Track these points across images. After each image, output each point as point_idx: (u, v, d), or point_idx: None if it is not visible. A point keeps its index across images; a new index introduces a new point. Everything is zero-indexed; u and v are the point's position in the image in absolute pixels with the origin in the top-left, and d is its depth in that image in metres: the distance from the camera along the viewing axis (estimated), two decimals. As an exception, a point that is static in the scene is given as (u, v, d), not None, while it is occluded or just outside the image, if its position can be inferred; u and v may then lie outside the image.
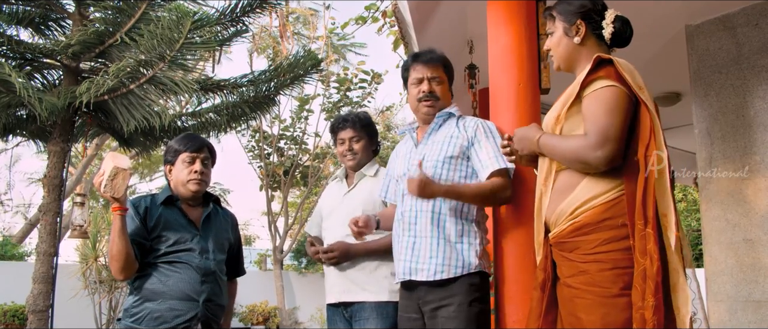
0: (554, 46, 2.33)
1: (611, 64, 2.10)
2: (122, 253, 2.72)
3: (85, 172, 14.14)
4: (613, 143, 2.03)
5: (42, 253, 4.48)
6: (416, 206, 2.69)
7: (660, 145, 2.02)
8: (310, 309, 15.18)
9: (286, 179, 13.99)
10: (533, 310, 2.26)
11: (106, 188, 2.63)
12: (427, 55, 2.88)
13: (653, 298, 1.88)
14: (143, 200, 2.95)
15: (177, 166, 3.00)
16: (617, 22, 2.24)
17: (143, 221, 2.87)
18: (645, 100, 2.06)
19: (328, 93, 13.63)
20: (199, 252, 2.90)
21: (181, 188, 2.99)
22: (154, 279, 2.83)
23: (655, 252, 1.92)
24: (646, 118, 2.06)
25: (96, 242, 10.14)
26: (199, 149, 3.00)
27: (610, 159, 2.04)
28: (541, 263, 2.28)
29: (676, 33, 4.38)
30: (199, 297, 2.84)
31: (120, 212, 2.70)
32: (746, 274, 3.80)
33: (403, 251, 2.71)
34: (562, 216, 2.16)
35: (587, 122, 2.09)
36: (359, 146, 3.29)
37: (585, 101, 2.12)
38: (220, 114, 5.25)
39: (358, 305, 3.07)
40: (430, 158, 2.70)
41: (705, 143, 4.10)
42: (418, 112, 2.87)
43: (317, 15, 13.80)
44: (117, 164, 2.65)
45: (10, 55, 4.50)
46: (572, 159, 2.11)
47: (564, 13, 2.30)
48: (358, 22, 6.98)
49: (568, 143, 2.13)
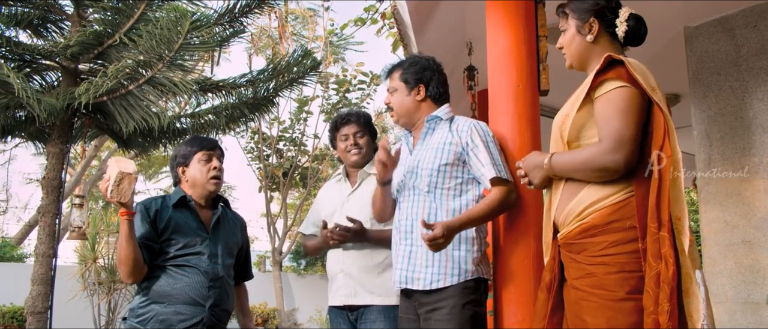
0: (567, 44, 2.30)
1: (622, 65, 2.07)
2: (130, 258, 2.72)
3: (84, 173, 14.12)
4: (628, 145, 2.00)
5: (41, 255, 4.47)
6: (412, 215, 2.67)
7: (674, 147, 1.99)
8: (309, 311, 15.17)
9: (285, 181, 13.98)
10: (539, 311, 2.24)
11: (113, 193, 2.61)
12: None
13: (668, 303, 1.85)
14: (154, 202, 2.95)
15: (193, 166, 3.00)
16: (631, 20, 2.21)
17: (153, 223, 2.87)
18: (658, 101, 2.03)
19: (327, 94, 13.63)
20: (208, 256, 2.90)
21: (199, 188, 2.99)
22: (163, 281, 2.83)
23: (670, 256, 1.89)
24: (659, 119, 2.03)
25: (95, 243, 10.12)
26: (214, 147, 3.05)
27: (627, 161, 2.01)
28: (549, 264, 2.25)
29: (674, 35, 4.39)
30: (205, 302, 2.84)
31: (127, 217, 2.69)
32: (745, 276, 3.80)
33: (400, 259, 2.69)
34: (570, 217, 2.13)
35: (601, 126, 2.06)
36: (364, 141, 3.26)
37: (597, 103, 2.09)
38: (218, 115, 5.24)
39: (364, 308, 3.05)
40: (425, 165, 2.67)
41: (704, 144, 4.10)
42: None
43: (316, 16, 13.79)
44: (122, 168, 2.63)
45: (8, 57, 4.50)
46: (590, 169, 2.06)
47: (577, 11, 2.27)
48: (358, 24, 6.99)
49: (583, 154, 2.09)
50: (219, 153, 3.06)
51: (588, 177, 2.09)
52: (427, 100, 2.82)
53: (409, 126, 2.88)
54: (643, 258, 1.96)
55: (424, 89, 2.81)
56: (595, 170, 2.05)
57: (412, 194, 2.71)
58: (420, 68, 2.83)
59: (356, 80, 13.27)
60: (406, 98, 2.82)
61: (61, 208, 4.74)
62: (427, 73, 2.83)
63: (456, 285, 2.54)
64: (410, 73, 2.83)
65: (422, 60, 2.88)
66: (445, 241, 2.41)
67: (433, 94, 2.82)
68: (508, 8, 2.88)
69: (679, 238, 1.94)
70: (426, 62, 2.86)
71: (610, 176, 2.05)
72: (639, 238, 1.97)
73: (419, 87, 2.81)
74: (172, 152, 3.16)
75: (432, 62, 2.88)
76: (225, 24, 4.94)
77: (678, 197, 1.97)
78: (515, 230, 2.67)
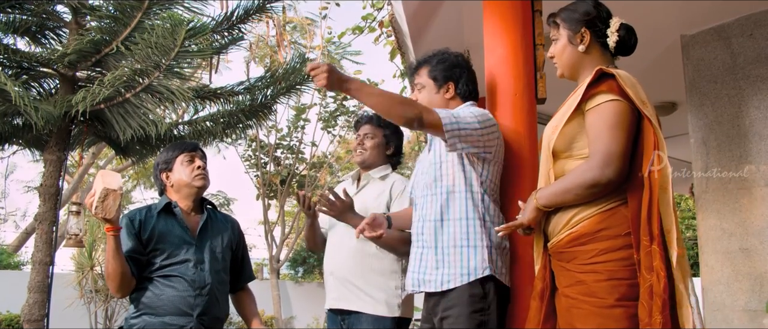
0: (558, 53, 2.30)
1: (613, 78, 2.08)
2: (117, 272, 2.73)
3: (81, 181, 14.10)
4: (618, 161, 2.01)
5: (38, 262, 4.46)
6: (423, 216, 2.62)
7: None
8: (306, 319, 15.14)
9: (283, 189, 13.97)
10: (531, 319, 2.25)
11: (98, 210, 2.60)
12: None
13: (661, 315, 1.88)
14: (138, 213, 2.94)
15: (176, 169, 3.00)
16: (622, 31, 2.22)
17: (138, 235, 2.87)
18: (648, 115, 2.04)
19: (324, 102, 13.63)
20: (194, 263, 2.89)
21: (185, 188, 2.99)
22: (150, 293, 2.83)
23: (662, 269, 1.91)
24: (649, 133, 2.04)
25: (92, 251, 10.10)
26: (194, 149, 3.06)
27: (618, 176, 2.02)
28: (540, 272, 2.27)
29: (671, 43, 4.40)
30: (193, 310, 2.83)
31: (113, 232, 2.68)
32: (742, 283, 3.80)
33: (412, 261, 2.65)
34: (559, 225, 2.15)
35: (591, 141, 2.07)
36: (371, 143, 3.21)
37: (588, 116, 2.10)
38: (216, 123, 5.25)
39: (354, 315, 3.02)
40: (433, 164, 2.62)
41: (701, 152, 4.11)
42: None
43: (314, 24, 13.81)
44: (107, 184, 2.61)
45: (6, 64, 4.50)
46: (581, 188, 2.06)
47: (568, 21, 2.27)
48: (355, 32, 7.00)
49: (572, 177, 2.09)
50: (201, 154, 3.07)
51: (582, 197, 2.07)
52: (457, 98, 2.72)
53: None
54: (637, 268, 1.98)
55: (453, 87, 2.71)
56: (588, 187, 2.05)
57: (424, 194, 2.65)
58: (449, 65, 2.72)
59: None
60: (435, 97, 2.71)
61: (58, 215, 4.74)
62: (457, 70, 2.72)
63: (464, 287, 2.45)
64: (439, 70, 2.72)
65: (451, 56, 2.76)
66: (328, 74, 2.35)
67: (462, 92, 2.71)
68: (505, 17, 2.89)
69: (670, 251, 1.96)
70: (455, 58, 2.75)
71: (603, 191, 2.05)
72: (634, 247, 1.99)
73: (448, 85, 2.71)
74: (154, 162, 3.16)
75: (461, 59, 2.77)
76: (223, 31, 4.95)
77: (667, 210, 1.98)
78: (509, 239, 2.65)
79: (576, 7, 2.28)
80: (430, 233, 2.57)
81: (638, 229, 1.98)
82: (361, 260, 3.06)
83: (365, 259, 3.06)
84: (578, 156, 2.15)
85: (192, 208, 3.03)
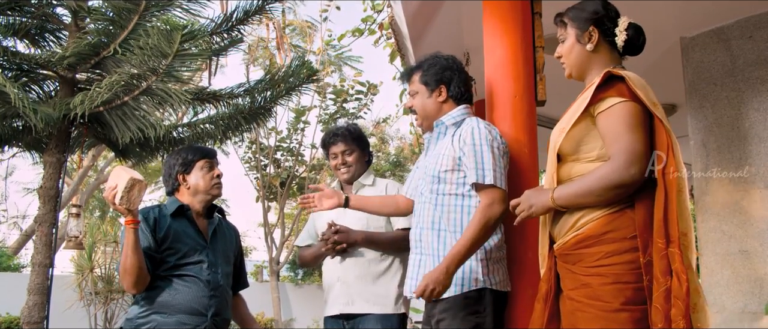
0: (566, 53, 2.27)
1: (622, 81, 2.06)
2: (135, 267, 2.69)
3: (81, 183, 14.10)
4: (642, 159, 1.99)
5: (37, 264, 4.44)
6: (421, 223, 2.63)
7: (679, 162, 1.99)
8: (306, 321, 15.12)
9: (283, 191, 13.97)
10: (535, 322, 2.24)
11: (123, 200, 2.58)
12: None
13: (683, 320, 1.84)
14: (152, 211, 2.93)
15: (194, 174, 3.01)
16: (630, 30, 2.19)
17: (153, 232, 2.86)
18: (660, 116, 2.03)
19: (324, 104, 13.63)
20: (207, 265, 2.90)
21: (201, 194, 3.00)
22: (164, 291, 2.82)
23: (682, 272, 1.88)
24: (662, 134, 2.02)
25: (92, 253, 10.10)
26: (214, 156, 3.09)
27: (642, 174, 1.99)
28: (545, 275, 2.25)
29: (671, 45, 4.40)
30: (207, 311, 2.84)
31: (133, 225, 2.66)
32: (742, 285, 3.80)
33: (411, 268, 2.66)
34: (565, 227, 2.13)
35: (609, 142, 2.03)
36: (352, 158, 3.28)
37: (600, 119, 2.07)
38: (216, 125, 5.23)
39: (361, 316, 3.06)
40: (428, 172, 2.64)
41: (701, 154, 4.11)
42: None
43: (314, 27, 13.81)
44: (132, 175, 2.60)
45: (6, 66, 4.49)
46: (606, 189, 2.01)
47: (576, 20, 2.24)
48: (355, 35, 7.00)
49: (594, 179, 2.04)
50: (217, 161, 3.11)
51: (603, 199, 2.03)
52: (449, 100, 2.73)
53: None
54: (644, 272, 1.95)
55: (445, 90, 2.72)
56: (613, 188, 2.00)
57: (421, 201, 2.68)
58: (440, 68, 2.74)
59: (354, 90, 13.28)
60: (428, 101, 2.73)
61: (58, 218, 4.73)
62: (448, 73, 2.73)
63: (458, 294, 2.47)
64: (430, 75, 2.74)
65: (442, 60, 2.77)
66: (442, 286, 2.40)
67: (454, 94, 2.72)
68: (505, 19, 2.89)
69: (686, 254, 1.93)
70: (445, 62, 2.76)
71: (627, 192, 2.01)
72: (640, 250, 1.97)
73: (440, 88, 2.72)
74: (167, 161, 3.15)
75: (451, 61, 2.78)
76: (222, 32, 4.95)
77: (684, 212, 1.96)
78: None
79: (584, 6, 2.25)
80: (428, 240, 2.59)
81: (646, 232, 1.96)
82: (365, 264, 3.12)
83: (368, 263, 3.13)
84: (585, 159, 2.14)
85: (201, 212, 3.04)
